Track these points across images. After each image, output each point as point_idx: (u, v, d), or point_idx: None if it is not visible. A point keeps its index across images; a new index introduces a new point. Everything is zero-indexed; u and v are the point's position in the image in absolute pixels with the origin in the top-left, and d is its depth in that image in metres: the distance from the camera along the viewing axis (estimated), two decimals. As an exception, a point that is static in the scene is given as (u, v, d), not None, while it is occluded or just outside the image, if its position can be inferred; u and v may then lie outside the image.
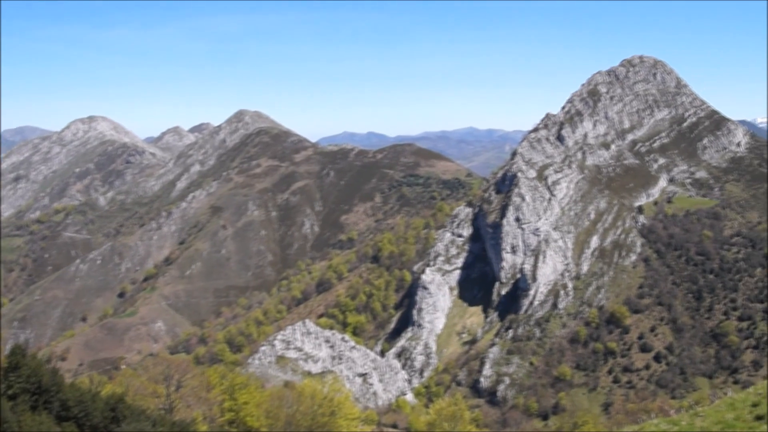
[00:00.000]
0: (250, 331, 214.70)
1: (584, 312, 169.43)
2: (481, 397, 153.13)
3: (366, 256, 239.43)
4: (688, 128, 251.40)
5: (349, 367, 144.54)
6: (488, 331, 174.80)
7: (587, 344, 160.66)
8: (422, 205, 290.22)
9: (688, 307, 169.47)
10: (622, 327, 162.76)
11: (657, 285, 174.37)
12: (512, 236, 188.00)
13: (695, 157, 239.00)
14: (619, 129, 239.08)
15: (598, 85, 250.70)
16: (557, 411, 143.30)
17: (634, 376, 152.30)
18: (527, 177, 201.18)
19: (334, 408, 63.58)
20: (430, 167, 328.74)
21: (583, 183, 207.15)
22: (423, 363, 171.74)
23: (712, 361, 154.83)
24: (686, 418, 16.68)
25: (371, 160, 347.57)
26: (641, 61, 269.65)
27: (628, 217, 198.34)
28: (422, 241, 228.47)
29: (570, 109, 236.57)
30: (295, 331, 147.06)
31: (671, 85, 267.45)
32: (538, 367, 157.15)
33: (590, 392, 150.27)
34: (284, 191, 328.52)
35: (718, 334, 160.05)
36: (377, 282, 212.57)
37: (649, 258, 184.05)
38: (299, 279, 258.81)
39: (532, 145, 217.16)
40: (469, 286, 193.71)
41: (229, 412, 60.12)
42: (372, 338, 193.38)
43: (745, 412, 14.76)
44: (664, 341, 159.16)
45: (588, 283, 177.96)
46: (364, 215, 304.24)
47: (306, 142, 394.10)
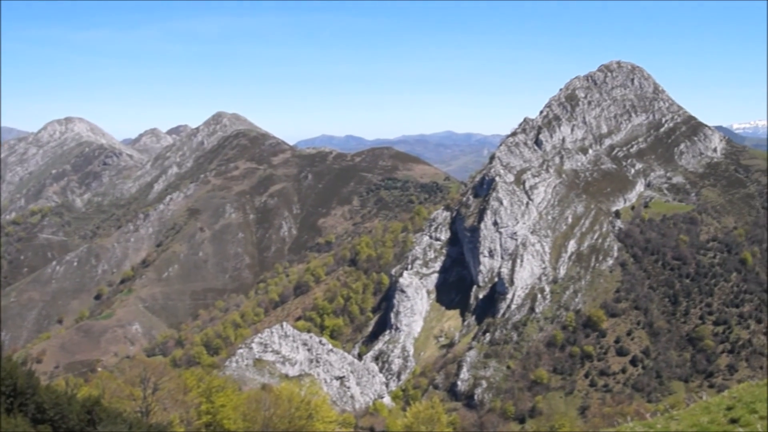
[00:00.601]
0: (227, 334, 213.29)
1: (561, 316, 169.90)
2: (459, 401, 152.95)
3: (344, 259, 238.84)
4: (665, 133, 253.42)
5: (327, 370, 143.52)
6: (466, 335, 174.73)
7: (564, 348, 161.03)
8: (400, 208, 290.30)
9: (664, 311, 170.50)
10: (599, 331, 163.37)
11: (634, 289, 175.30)
12: (490, 240, 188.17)
13: (672, 162, 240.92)
14: (596, 134, 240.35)
15: (576, 89, 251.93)
16: (534, 414, 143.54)
17: (611, 379, 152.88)
18: (505, 181, 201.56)
19: (312, 411, 63.15)
20: (408, 171, 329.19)
21: (560, 187, 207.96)
22: (400, 366, 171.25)
23: (687, 365, 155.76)
24: (661, 422, 16.29)
25: (349, 164, 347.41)
26: (619, 67, 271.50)
27: (605, 222, 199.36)
28: (400, 245, 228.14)
29: (548, 114, 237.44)
30: (272, 333, 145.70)
31: (648, 90, 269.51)
32: (516, 370, 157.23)
33: (567, 396, 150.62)
34: (262, 194, 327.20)
35: (693, 338, 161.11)
36: (355, 285, 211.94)
37: (626, 262, 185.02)
38: (277, 282, 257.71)
39: (510, 150, 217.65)
40: (447, 289, 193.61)
41: (206, 415, 59.37)
42: (349, 341, 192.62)
43: (720, 416, 14.39)
44: (641, 345, 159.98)
45: (565, 287, 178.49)
46: (342, 218, 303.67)
47: (284, 144, 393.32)
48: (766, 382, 16.62)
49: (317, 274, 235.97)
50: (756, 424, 12.38)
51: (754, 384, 17.81)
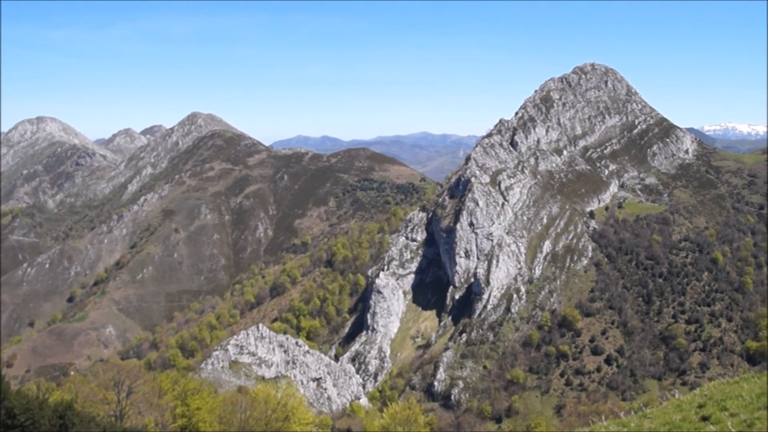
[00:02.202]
0: (202, 336, 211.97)
1: (537, 316, 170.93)
2: (435, 401, 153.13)
3: (320, 260, 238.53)
4: (638, 135, 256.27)
5: (303, 372, 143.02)
6: (442, 335, 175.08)
7: (540, 348, 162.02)
8: (376, 209, 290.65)
9: (638, 310, 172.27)
10: (574, 330, 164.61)
11: (608, 289, 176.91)
12: (466, 241, 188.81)
13: (645, 163, 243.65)
14: (571, 135, 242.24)
15: (550, 91, 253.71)
16: (510, 414, 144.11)
17: (586, 378, 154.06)
18: (481, 182, 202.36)
19: (288, 413, 62.81)
20: (384, 172, 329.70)
21: (535, 188, 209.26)
22: (377, 367, 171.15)
23: (661, 363, 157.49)
24: (635, 420, 16.51)
25: (325, 164, 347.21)
26: (593, 69, 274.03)
27: (579, 222, 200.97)
28: (376, 246, 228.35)
29: (523, 115, 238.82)
30: (248, 335, 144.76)
31: (622, 92, 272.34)
32: (492, 370, 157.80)
33: (543, 395, 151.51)
34: (238, 195, 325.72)
35: (666, 336, 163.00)
36: (331, 286, 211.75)
37: (600, 262, 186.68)
38: (253, 283, 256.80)
39: (485, 151, 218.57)
40: (423, 290, 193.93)
41: (181, 418, 58.78)
42: (326, 343, 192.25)
43: (691, 414, 14.63)
44: (615, 344, 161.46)
45: (540, 288, 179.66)
46: (318, 219, 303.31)
47: (260, 145, 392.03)
48: (736, 380, 16.96)
49: (293, 275, 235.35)
50: (726, 422, 12.63)
51: (725, 382, 18.14)
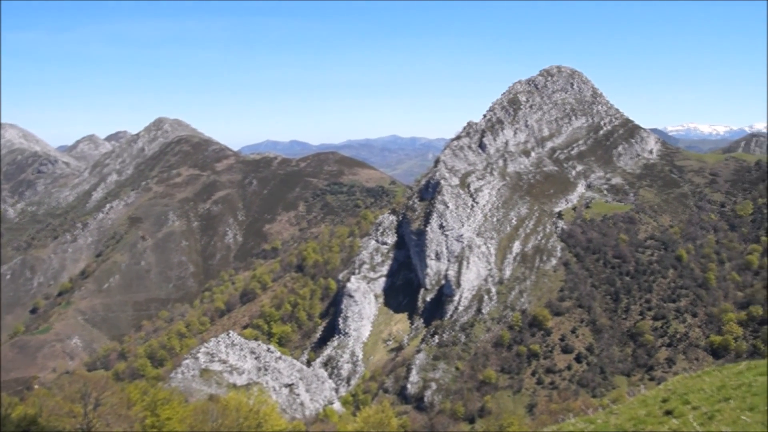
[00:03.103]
0: (172, 345, 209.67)
1: (508, 316, 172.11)
2: (409, 403, 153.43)
3: (290, 265, 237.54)
4: (604, 136, 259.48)
5: (275, 378, 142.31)
6: (414, 338, 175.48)
7: (511, 347, 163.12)
8: (346, 213, 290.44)
9: (606, 308, 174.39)
10: (545, 329, 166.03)
11: (577, 288, 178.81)
12: (436, 243, 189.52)
13: (611, 163, 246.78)
14: (538, 137, 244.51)
15: (518, 93, 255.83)
16: (483, 414, 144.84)
17: (557, 376, 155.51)
18: (450, 184, 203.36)
19: (260, 420, 62.43)
20: (353, 175, 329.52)
21: (504, 190, 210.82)
22: (350, 371, 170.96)
23: (629, 360, 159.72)
24: (602, 417, 16.86)
25: (294, 169, 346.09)
26: (559, 71, 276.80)
27: (548, 223, 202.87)
28: (347, 250, 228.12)
29: (491, 118, 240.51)
30: (219, 343, 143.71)
31: (587, 94, 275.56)
32: (464, 371, 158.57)
33: (515, 394, 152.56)
34: (206, 201, 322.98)
35: (634, 333, 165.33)
36: (302, 291, 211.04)
37: (569, 262, 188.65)
38: (222, 290, 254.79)
39: (454, 153, 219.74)
40: (395, 293, 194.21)
41: (151, 428, 58.13)
42: (298, 348, 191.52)
43: (656, 408, 15.00)
44: (585, 342, 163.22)
45: (511, 288, 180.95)
46: (287, 224, 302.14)
47: (228, 150, 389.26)
48: (698, 374, 17.43)
49: (264, 281, 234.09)
50: (689, 415, 13.02)
51: (688, 376, 18.61)
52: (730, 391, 14.11)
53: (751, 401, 12.48)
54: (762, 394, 12.97)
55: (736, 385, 14.74)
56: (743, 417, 11.47)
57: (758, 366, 16.09)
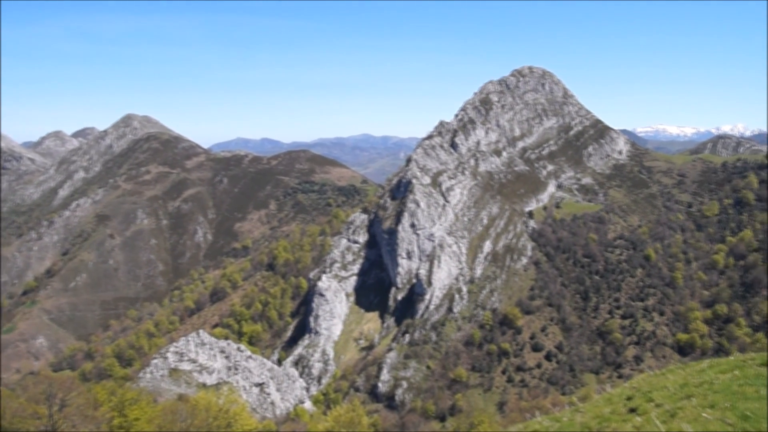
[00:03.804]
0: (140, 344, 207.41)
1: (478, 315, 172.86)
2: (380, 402, 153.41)
3: (261, 264, 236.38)
4: (575, 136, 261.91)
5: (246, 378, 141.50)
6: (385, 337, 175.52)
7: (482, 346, 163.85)
8: (318, 212, 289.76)
9: (575, 307, 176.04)
10: (515, 328, 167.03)
11: (547, 287, 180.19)
12: (407, 242, 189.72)
13: (581, 164, 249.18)
14: (510, 137, 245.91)
15: (489, 93, 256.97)
16: (454, 412, 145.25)
17: (527, 374, 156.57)
18: (422, 183, 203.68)
19: (230, 420, 61.95)
20: (325, 174, 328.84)
21: (476, 189, 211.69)
22: (321, 370, 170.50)
23: (598, 358, 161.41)
24: (567, 414, 16.90)
25: (266, 167, 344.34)
26: (531, 72, 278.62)
27: (519, 222, 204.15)
28: (318, 248, 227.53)
29: (463, 117, 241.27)
30: (188, 342, 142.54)
31: (558, 95, 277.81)
32: (435, 370, 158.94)
33: (485, 392, 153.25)
34: (175, 198, 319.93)
35: (603, 331, 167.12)
36: (273, 290, 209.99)
37: (540, 261, 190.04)
38: (192, 289, 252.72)
39: (426, 152, 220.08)
40: (366, 292, 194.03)
41: (119, 429, 57.38)
42: (268, 347, 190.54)
43: (620, 406, 15.10)
44: (555, 340, 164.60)
45: (482, 287, 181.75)
46: (258, 223, 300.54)
47: (198, 148, 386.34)
48: (662, 372, 17.57)
49: (234, 279, 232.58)
50: (652, 413, 13.10)
51: (652, 374, 18.77)
52: (692, 389, 14.24)
53: (712, 399, 12.60)
54: (722, 391, 13.13)
55: (698, 382, 14.88)
56: (704, 414, 11.58)
57: (720, 364, 16.29)
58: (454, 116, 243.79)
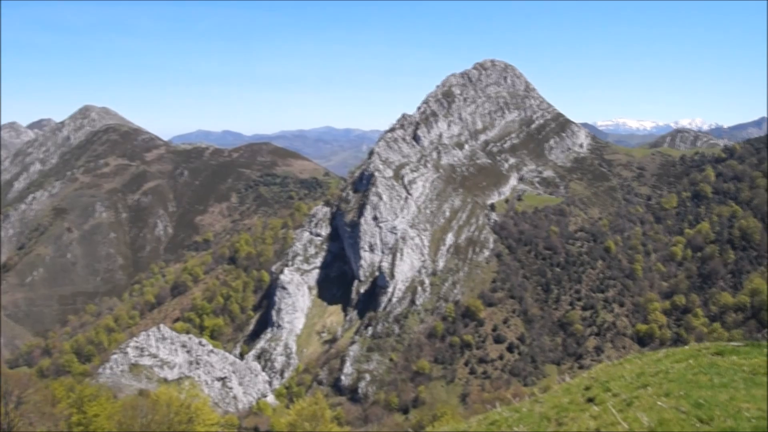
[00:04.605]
0: (100, 339, 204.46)
1: (441, 307, 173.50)
2: (343, 395, 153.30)
3: (223, 257, 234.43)
4: (536, 130, 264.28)
5: (208, 372, 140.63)
6: (348, 330, 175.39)
7: (444, 338, 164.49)
8: (280, 204, 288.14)
9: (537, 298, 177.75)
10: (477, 320, 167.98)
11: (509, 279, 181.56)
12: (370, 235, 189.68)
13: (543, 157, 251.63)
14: (472, 130, 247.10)
15: (452, 86, 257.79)
16: (417, 404, 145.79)
17: (489, 366, 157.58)
18: (384, 176, 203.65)
19: (192, 415, 61.21)
20: (287, 166, 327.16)
21: (438, 182, 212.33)
22: (283, 364, 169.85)
23: (559, 349, 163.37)
24: (527, 405, 16.90)
25: (227, 160, 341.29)
26: (493, 65, 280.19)
27: (481, 215, 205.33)
28: (280, 241, 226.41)
29: (425, 110, 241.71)
30: (149, 337, 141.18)
31: (520, 88, 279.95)
32: (398, 362, 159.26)
33: (448, 384, 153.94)
34: (135, 191, 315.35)
35: (564, 323, 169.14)
36: (235, 283, 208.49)
37: (501, 253, 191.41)
38: (152, 283, 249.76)
39: (388, 145, 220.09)
40: (329, 285, 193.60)
41: (77, 426, 56.49)
42: (230, 341, 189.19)
43: (578, 396, 15.12)
44: (516, 332, 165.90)
45: (444, 279, 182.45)
46: (220, 216, 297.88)
47: (158, 140, 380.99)
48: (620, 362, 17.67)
49: (195, 273, 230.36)
50: (609, 402, 13.12)
51: (610, 364, 18.89)
52: (648, 378, 14.33)
53: (667, 387, 12.67)
54: (677, 380, 13.24)
55: (654, 372, 14.98)
56: (659, 403, 11.62)
57: (675, 353, 16.43)
58: (417, 109, 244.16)
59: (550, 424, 13.39)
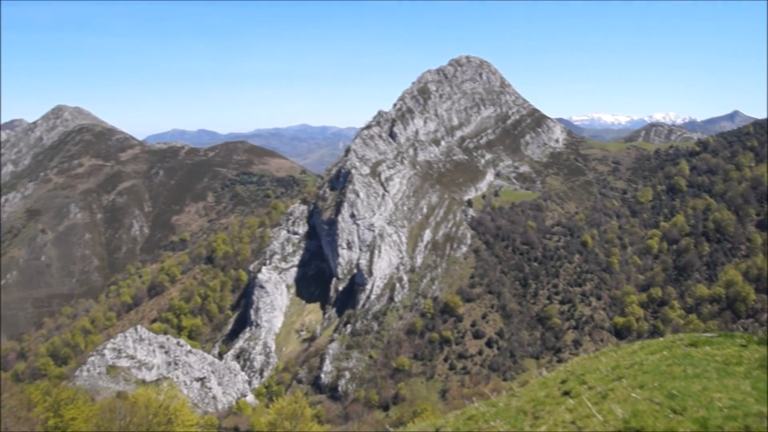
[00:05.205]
0: (76, 342, 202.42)
1: (420, 303, 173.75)
2: (323, 393, 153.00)
3: (200, 257, 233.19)
4: (512, 125, 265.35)
5: (186, 372, 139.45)
6: (327, 328, 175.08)
7: (423, 334, 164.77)
8: (256, 203, 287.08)
9: (515, 293, 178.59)
10: (456, 316, 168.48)
11: (487, 274, 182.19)
12: (347, 232, 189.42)
13: (519, 152, 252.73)
14: (448, 126, 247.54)
15: (428, 83, 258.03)
16: (397, 401, 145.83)
17: (469, 361, 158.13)
18: (361, 173, 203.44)
19: (171, 416, 60.89)
20: (263, 165, 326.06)
21: (415, 178, 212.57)
22: (263, 363, 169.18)
23: (538, 343, 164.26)
24: (504, 400, 16.91)
25: (203, 159, 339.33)
26: (468, 61, 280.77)
27: (458, 211, 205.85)
28: (257, 240, 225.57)
29: (401, 107, 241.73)
30: (126, 338, 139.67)
31: (496, 84, 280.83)
32: (377, 359, 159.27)
33: (428, 380, 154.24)
34: (110, 192, 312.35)
35: (542, 317, 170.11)
36: (212, 283, 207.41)
37: (479, 249, 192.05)
38: (129, 284, 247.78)
39: (365, 142, 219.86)
40: (307, 283, 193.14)
41: (54, 430, 55.79)
42: (209, 341, 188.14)
43: (555, 389, 15.16)
44: (495, 327, 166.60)
45: (422, 276, 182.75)
46: (196, 215, 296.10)
47: (132, 140, 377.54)
48: (596, 355, 17.76)
49: (172, 273, 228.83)
50: (584, 394, 13.16)
51: (586, 357, 18.98)
52: (623, 371, 14.42)
53: (641, 379, 12.75)
54: (651, 372, 13.32)
55: (629, 364, 15.07)
56: (633, 395, 11.70)
57: (650, 345, 16.54)
58: (393, 106, 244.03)
59: (526, 418, 13.41)
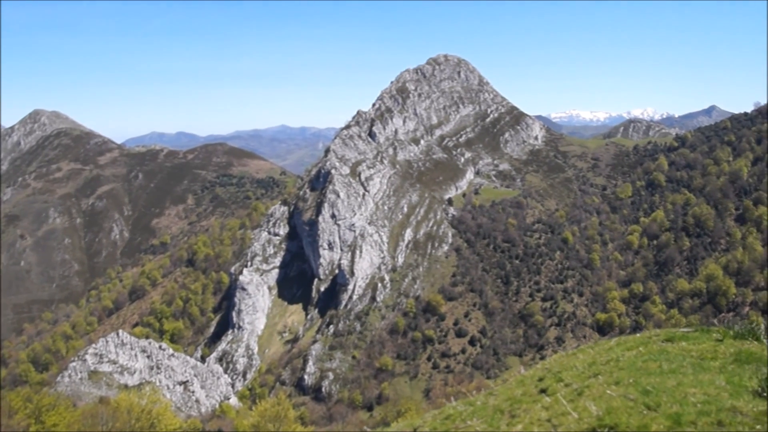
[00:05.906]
0: (57, 347, 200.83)
1: (402, 303, 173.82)
2: (306, 395, 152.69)
3: (181, 260, 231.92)
4: (491, 123, 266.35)
5: (169, 376, 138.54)
6: (310, 329, 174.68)
7: (406, 334, 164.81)
8: (237, 205, 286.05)
9: (497, 291, 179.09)
10: (438, 315, 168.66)
11: (468, 272, 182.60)
12: (328, 233, 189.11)
13: (498, 150, 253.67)
14: (427, 125, 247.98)
15: (406, 82, 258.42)
16: (381, 401, 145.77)
17: (452, 360, 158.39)
18: (341, 173, 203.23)
19: (153, 420, 60.71)
20: (243, 167, 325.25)
21: (395, 178, 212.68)
22: (245, 365, 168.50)
23: (521, 341, 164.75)
24: (481, 398, 16.81)
25: (182, 161, 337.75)
26: (446, 60, 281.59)
27: (439, 210, 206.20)
28: (238, 242, 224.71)
29: (380, 106, 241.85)
30: (108, 343, 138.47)
31: (474, 82, 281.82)
32: (361, 360, 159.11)
33: (412, 380, 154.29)
34: (89, 196, 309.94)
35: (525, 315, 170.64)
36: (194, 286, 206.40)
37: (460, 247, 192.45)
38: (110, 288, 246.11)
39: (344, 142, 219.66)
40: (288, 284, 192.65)
41: (36, 437, 55.20)
42: (191, 344, 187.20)
43: (532, 388, 15.08)
44: (478, 325, 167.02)
45: (404, 275, 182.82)
46: (176, 218, 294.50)
47: (111, 143, 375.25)
48: (573, 352, 17.74)
49: (153, 277, 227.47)
50: (560, 392, 13.10)
51: (564, 354, 18.95)
52: (600, 367, 14.36)
53: (617, 375, 12.70)
54: (627, 368, 13.31)
55: (605, 360, 15.02)
56: (608, 391, 11.64)
57: (627, 341, 16.50)
58: (372, 105, 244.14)
59: (503, 417, 13.33)
